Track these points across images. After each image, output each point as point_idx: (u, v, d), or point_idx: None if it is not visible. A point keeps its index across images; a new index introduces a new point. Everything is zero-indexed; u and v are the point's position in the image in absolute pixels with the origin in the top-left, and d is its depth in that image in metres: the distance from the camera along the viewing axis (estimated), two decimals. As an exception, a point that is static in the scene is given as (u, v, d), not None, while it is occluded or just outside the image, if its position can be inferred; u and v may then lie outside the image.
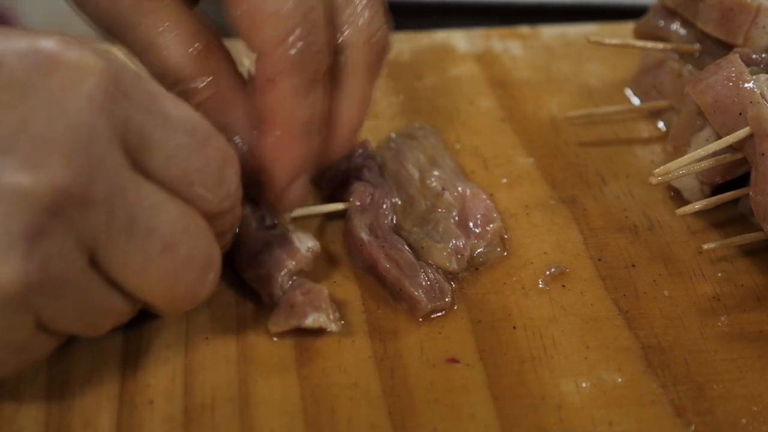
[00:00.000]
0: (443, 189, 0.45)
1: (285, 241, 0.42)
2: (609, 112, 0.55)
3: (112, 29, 0.42)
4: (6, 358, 0.33)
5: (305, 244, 0.42)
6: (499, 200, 0.48)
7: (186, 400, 0.37)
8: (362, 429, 0.36)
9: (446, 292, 0.41)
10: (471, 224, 0.44)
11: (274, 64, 0.39)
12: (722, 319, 0.42)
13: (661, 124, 0.54)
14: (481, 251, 0.44)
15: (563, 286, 0.43)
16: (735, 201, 0.46)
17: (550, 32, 0.63)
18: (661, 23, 0.54)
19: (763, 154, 0.41)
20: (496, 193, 0.48)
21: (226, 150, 0.36)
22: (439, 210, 0.45)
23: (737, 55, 0.45)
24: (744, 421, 0.37)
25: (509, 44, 0.61)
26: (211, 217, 0.36)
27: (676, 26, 0.53)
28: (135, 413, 0.36)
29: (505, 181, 0.49)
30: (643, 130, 0.54)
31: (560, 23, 0.64)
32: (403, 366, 0.39)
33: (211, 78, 0.41)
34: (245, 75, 0.43)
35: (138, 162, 0.33)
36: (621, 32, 0.60)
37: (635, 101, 0.56)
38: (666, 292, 0.43)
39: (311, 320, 0.39)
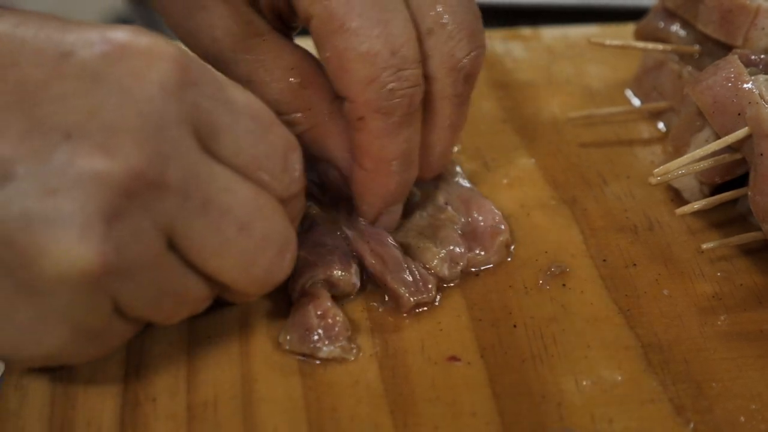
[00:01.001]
0: (446, 203, 0.45)
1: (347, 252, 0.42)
2: (610, 113, 0.55)
3: (213, 65, 0.41)
4: (83, 344, 0.34)
5: (357, 278, 0.42)
6: (500, 200, 0.48)
7: (189, 398, 0.37)
8: (364, 427, 0.36)
9: (429, 284, 0.41)
10: (477, 236, 0.44)
11: (364, 105, 0.39)
12: (722, 318, 0.42)
13: (661, 125, 0.55)
14: (482, 259, 0.44)
15: (564, 285, 0.43)
16: (734, 201, 0.46)
17: (551, 34, 0.63)
18: (662, 25, 0.54)
19: (761, 155, 0.41)
20: (497, 193, 0.49)
21: (289, 137, 0.36)
22: (442, 217, 0.45)
23: (736, 56, 0.45)
24: (743, 419, 0.37)
25: (510, 45, 0.62)
26: (280, 202, 0.36)
27: (676, 28, 0.53)
28: (138, 410, 0.36)
29: (506, 181, 0.50)
30: (644, 130, 0.54)
31: (561, 25, 0.64)
32: (405, 364, 0.39)
33: (309, 111, 0.42)
34: None
35: (208, 147, 0.33)
36: (622, 34, 0.60)
37: (636, 102, 0.57)
38: (666, 292, 0.43)
39: (326, 353, 0.39)
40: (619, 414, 0.37)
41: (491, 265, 0.44)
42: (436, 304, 0.42)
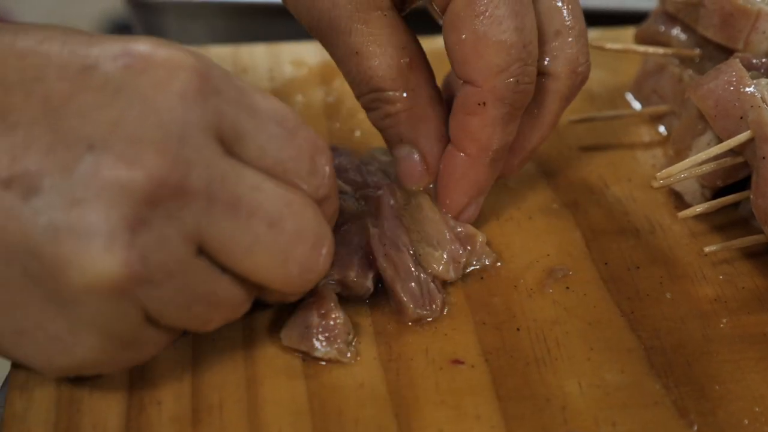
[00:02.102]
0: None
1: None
2: (611, 116, 0.55)
3: (321, 31, 0.43)
4: (116, 353, 0.34)
5: (371, 283, 0.42)
6: (502, 205, 0.48)
7: (194, 401, 0.37)
8: (369, 430, 0.36)
9: (436, 300, 0.41)
10: (460, 238, 0.44)
11: (490, 92, 0.40)
12: (724, 321, 0.42)
13: (662, 129, 0.55)
14: (473, 261, 0.44)
15: (567, 288, 0.43)
16: (736, 204, 0.46)
17: (551, 37, 0.63)
18: (662, 28, 0.54)
19: (764, 158, 0.41)
20: (499, 196, 0.49)
21: (316, 139, 0.37)
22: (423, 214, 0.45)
23: (738, 60, 0.46)
24: (746, 422, 0.37)
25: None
26: None
27: (676, 31, 0.53)
28: (143, 413, 0.36)
29: (507, 185, 0.50)
30: (645, 134, 0.55)
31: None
32: (409, 367, 0.39)
33: (412, 92, 0.42)
34: None
35: (233, 152, 0.34)
36: (622, 37, 0.60)
37: (636, 106, 0.57)
38: (668, 295, 0.43)
39: (322, 353, 0.39)
40: (622, 417, 0.37)
41: (488, 264, 0.44)
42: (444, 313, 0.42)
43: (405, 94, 0.42)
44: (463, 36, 0.40)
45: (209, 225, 0.33)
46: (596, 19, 0.67)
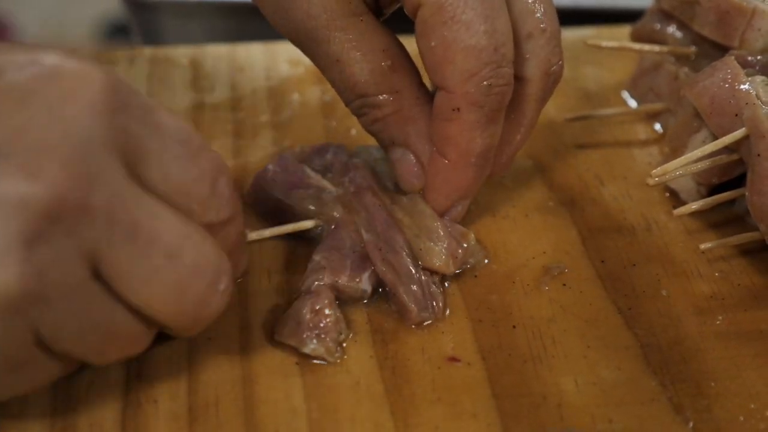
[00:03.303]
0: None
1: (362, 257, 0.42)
2: (607, 114, 0.55)
3: (301, 42, 0.43)
4: (4, 377, 0.33)
5: (367, 284, 0.42)
6: (498, 202, 0.48)
7: (190, 399, 0.37)
8: (365, 428, 0.36)
9: (438, 302, 0.41)
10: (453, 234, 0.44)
11: (463, 97, 0.40)
12: (720, 318, 0.42)
13: (658, 126, 0.55)
14: (469, 259, 0.44)
15: (563, 285, 0.43)
16: (732, 201, 0.46)
17: (547, 36, 0.63)
18: (658, 26, 0.54)
19: (759, 155, 0.41)
20: (495, 195, 0.49)
21: (218, 161, 0.36)
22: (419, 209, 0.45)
23: (733, 58, 0.46)
24: (742, 418, 0.37)
25: (507, 48, 0.62)
26: (212, 229, 0.35)
27: (672, 29, 0.53)
28: (140, 412, 0.37)
29: (504, 183, 0.50)
30: (641, 132, 0.55)
31: (558, 27, 0.64)
32: (405, 365, 0.39)
33: (397, 94, 0.42)
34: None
35: (136, 173, 0.33)
36: (618, 35, 0.60)
37: (632, 104, 0.57)
38: (664, 292, 0.43)
39: (310, 349, 0.39)
40: (618, 414, 0.37)
41: (478, 262, 0.44)
42: (455, 308, 0.42)
43: (391, 97, 0.42)
44: (433, 43, 0.40)
45: (107, 247, 0.31)
46: (592, 17, 0.67)
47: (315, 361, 0.39)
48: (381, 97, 0.42)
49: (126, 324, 0.33)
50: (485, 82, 0.40)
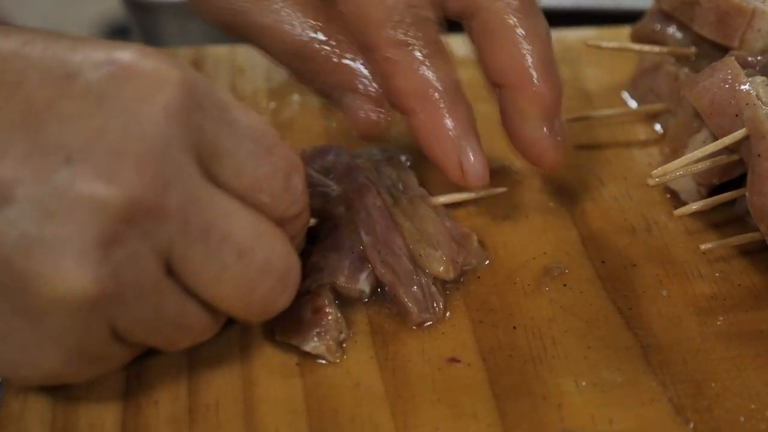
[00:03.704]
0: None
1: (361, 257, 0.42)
2: (607, 115, 0.55)
3: (227, 23, 0.44)
4: (81, 367, 0.34)
5: (365, 285, 0.42)
6: (498, 202, 0.48)
7: (191, 401, 0.37)
8: (365, 428, 0.36)
9: (438, 303, 0.41)
10: (454, 238, 0.44)
11: (385, 44, 0.41)
12: (720, 318, 0.42)
13: (658, 127, 0.55)
14: (471, 261, 0.44)
15: (564, 285, 0.43)
16: (732, 202, 0.46)
17: (547, 36, 0.63)
18: (658, 27, 0.54)
19: (759, 156, 0.41)
20: (495, 196, 0.49)
21: (292, 157, 0.36)
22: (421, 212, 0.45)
23: (733, 58, 0.46)
24: (742, 419, 0.37)
25: (507, 48, 0.62)
26: (280, 224, 0.36)
27: (672, 30, 0.53)
28: (140, 413, 0.37)
29: (504, 184, 0.50)
30: (641, 132, 0.55)
31: (558, 28, 0.64)
32: (405, 366, 0.39)
33: (335, 41, 0.43)
34: None
35: (210, 171, 0.33)
36: (618, 36, 0.60)
37: (632, 104, 0.57)
38: (664, 292, 0.43)
39: (311, 347, 0.39)
40: (619, 414, 0.37)
41: (478, 264, 0.44)
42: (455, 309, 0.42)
43: (328, 47, 0.43)
44: (343, 7, 0.41)
45: (181, 247, 0.32)
46: (592, 18, 0.67)
47: (316, 361, 0.39)
48: (319, 48, 0.43)
49: (197, 316, 0.35)
50: (403, 22, 0.41)
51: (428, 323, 0.41)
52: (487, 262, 0.45)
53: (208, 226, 0.32)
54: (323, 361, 0.39)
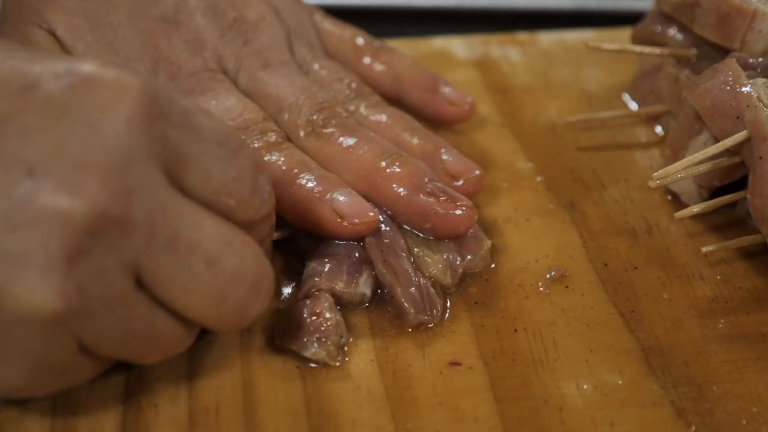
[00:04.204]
0: None
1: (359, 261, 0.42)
2: (607, 117, 0.55)
3: None
4: (47, 380, 0.33)
5: (366, 288, 0.42)
6: (499, 205, 0.48)
7: (191, 404, 0.37)
8: None
9: (436, 306, 0.41)
10: (464, 242, 0.44)
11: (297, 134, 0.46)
12: (721, 321, 0.42)
13: (659, 129, 0.55)
14: (472, 264, 0.44)
15: (566, 287, 0.43)
16: (733, 204, 0.46)
17: (548, 38, 0.64)
18: (658, 28, 0.54)
19: (760, 158, 0.41)
20: (496, 198, 0.49)
21: (257, 158, 0.36)
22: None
23: (734, 60, 0.46)
24: (744, 422, 0.37)
25: (508, 50, 0.62)
26: (249, 227, 0.36)
27: (673, 31, 0.53)
28: (140, 416, 0.36)
29: (505, 185, 0.50)
30: (642, 134, 0.55)
31: (558, 29, 0.64)
32: (406, 369, 0.39)
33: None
34: None
35: (176, 179, 0.33)
36: (619, 38, 0.60)
37: (633, 106, 0.57)
38: (666, 295, 0.43)
39: (311, 353, 0.39)
40: (620, 417, 0.37)
41: (481, 270, 0.44)
42: (455, 312, 0.42)
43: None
44: None
45: (148, 258, 0.31)
46: (593, 19, 0.67)
47: (312, 364, 0.39)
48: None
49: (168, 327, 0.34)
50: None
51: (426, 325, 0.41)
52: (493, 265, 0.44)
53: (175, 235, 0.32)
54: (313, 364, 0.39)
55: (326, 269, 0.41)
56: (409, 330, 0.41)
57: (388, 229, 0.43)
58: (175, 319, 0.34)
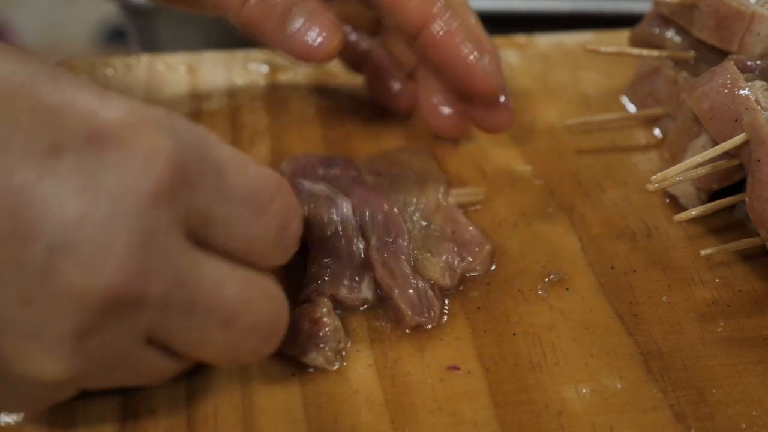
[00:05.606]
0: (430, 223, 0.45)
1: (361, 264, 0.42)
2: (606, 120, 0.55)
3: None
4: (32, 407, 0.35)
5: (368, 292, 0.42)
6: (498, 208, 0.48)
7: (189, 410, 0.37)
8: (365, 437, 0.36)
9: (434, 308, 0.41)
10: (465, 244, 0.44)
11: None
12: (721, 324, 0.42)
13: (657, 132, 0.55)
14: (471, 266, 0.44)
15: (567, 289, 0.43)
16: (732, 207, 0.46)
17: (546, 41, 0.63)
18: (657, 31, 0.54)
19: (759, 161, 0.41)
20: (495, 200, 0.49)
21: (289, 206, 0.35)
22: (432, 226, 0.45)
23: (732, 62, 0.45)
24: (744, 425, 0.37)
25: (505, 53, 0.62)
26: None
27: (671, 34, 0.53)
28: (138, 423, 0.36)
29: (503, 189, 0.50)
30: (640, 137, 0.54)
31: (556, 32, 0.64)
32: (405, 374, 0.39)
33: None
34: None
35: (199, 238, 0.32)
36: (617, 40, 0.60)
37: (631, 109, 0.57)
38: (665, 298, 0.43)
39: (309, 359, 0.39)
40: (620, 422, 0.37)
41: (481, 273, 0.44)
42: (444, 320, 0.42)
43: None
44: None
45: (161, 324, 0.31)
46: (591, 22, 0.67)
47: (310, 370, 0.39)
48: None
49: (172, 368, 0.35)
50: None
51: (424, 327, 0.41)
52: (493, 267, 0.44)
53: (193, 302, 0.32)
54: (311, 370, 0.39)
55: (328, 274, 0.41)
56: (407, 332, 0.41)
57: (390, 232, 0.43)
58: (175, 359, 0.34)
